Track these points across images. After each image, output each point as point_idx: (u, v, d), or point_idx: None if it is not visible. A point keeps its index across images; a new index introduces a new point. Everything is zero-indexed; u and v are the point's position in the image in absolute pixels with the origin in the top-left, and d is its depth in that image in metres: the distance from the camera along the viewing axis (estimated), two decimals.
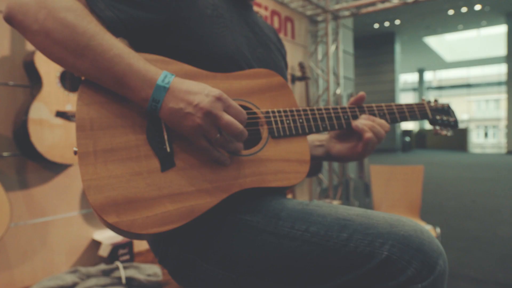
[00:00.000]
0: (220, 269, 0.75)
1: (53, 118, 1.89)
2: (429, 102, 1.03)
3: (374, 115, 0.92)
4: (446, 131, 1.04)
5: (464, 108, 28.07)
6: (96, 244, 2.35)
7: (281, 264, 0.70)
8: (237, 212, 0.75)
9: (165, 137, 0.68)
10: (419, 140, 17.42)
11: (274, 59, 0.97)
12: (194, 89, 0.66)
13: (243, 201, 0.76)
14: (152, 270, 2.09)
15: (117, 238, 2.35)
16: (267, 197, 0.78)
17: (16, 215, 1.96)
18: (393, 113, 0.94)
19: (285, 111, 0.82)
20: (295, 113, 0.82)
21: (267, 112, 0.80)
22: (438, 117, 1.02)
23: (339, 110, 0.89)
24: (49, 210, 2.14)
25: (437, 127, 1.03)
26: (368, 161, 5.17)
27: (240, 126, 0.67)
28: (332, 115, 0.87)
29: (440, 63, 21.75)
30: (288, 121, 0.81)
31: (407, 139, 15.42)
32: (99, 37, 0.64)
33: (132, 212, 0.61)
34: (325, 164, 4.93)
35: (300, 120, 0.82)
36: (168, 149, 0.67)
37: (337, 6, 4.63)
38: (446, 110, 1.04)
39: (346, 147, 0.93)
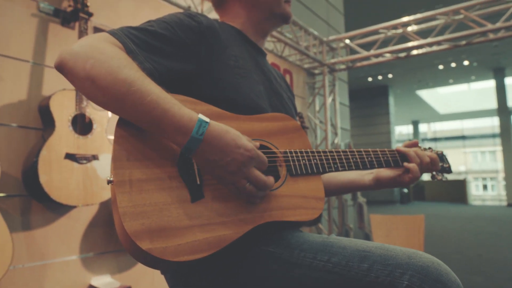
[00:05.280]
0: None
1: (62, 160, 1.93)
2: (425, 149, 1.10)
3: (378, 157, 0.98)
4: (441, 176, 1.11)
5: (461, 160, 28.13)
6: None
7: None
8: (261, 244, 0.78)
9: (195, 170, 0.73)
10: (418, 191, 17.15)
11: (286, 107, 1.05)
12: (230, 144, 0.71)
13: (265, 234, 0.79)
14: None
15: (115, 284, 2.29)
16: (288, 230, 0.82)
17: (16, 257, 1.93)
18: (395, 157, 1.00)
19: (301, 152, 0.88)
20: (310, 154, 0.89)
21: (285, 152, 0.86)
22: None
23: (348, 153, 0.95)
24: (49, 252, 2.10)
25: (434, 173, 1.10)
26: (367, 211, 5.14)
27: (264, 181, 0.73)
28: (342, 156, 0.93)
29: (434, 115, 22.23)
30: (304, 161, 0.87)
31: (405, 190, 15.29)
32: (138, 82, 0.68)
33: (165, 239, 0.64)
34: (325, 214, 4.90)
35: (315, 160, 0.88)
36: (198, 181, 0.72)
37: (333, 60, 4.87)
38: (441, 157, 1.12)
39: (393, 172, 1.00)
